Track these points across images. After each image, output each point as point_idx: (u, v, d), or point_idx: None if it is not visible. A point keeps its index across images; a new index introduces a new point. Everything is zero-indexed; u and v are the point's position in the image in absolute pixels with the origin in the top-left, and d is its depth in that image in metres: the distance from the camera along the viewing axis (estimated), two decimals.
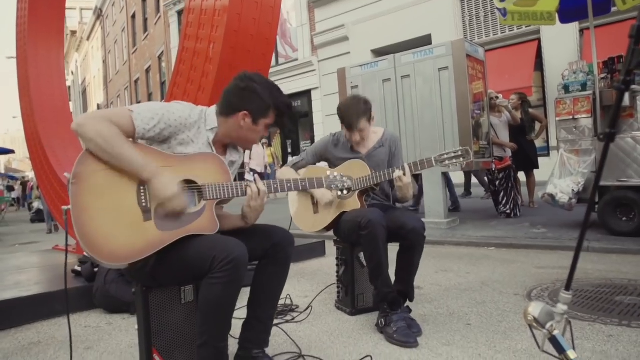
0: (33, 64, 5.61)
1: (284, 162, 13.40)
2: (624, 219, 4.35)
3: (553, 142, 8.53)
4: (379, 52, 11.89)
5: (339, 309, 2.80)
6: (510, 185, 6.02)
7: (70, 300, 3.02)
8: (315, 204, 2.71)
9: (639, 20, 0.93)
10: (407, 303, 2.53)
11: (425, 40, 10.49)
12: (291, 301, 2.93)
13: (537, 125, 7.12)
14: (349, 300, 2.71)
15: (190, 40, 3.12)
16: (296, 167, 2.81)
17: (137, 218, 1.60)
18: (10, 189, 20.48)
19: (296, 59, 14.92)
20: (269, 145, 13.53)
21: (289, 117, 1.94)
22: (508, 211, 5.94)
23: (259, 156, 11.23)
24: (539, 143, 10.16)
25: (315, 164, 2.83)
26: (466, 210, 7.00)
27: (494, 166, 5.98)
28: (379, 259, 2.30)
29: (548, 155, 9.61)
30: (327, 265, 4.20)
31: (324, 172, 2.78)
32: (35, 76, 5.59)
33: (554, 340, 0.99)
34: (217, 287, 1.56)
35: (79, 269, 3.31)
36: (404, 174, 2.41)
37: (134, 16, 25.01)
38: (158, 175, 1.59)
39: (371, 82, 6.14)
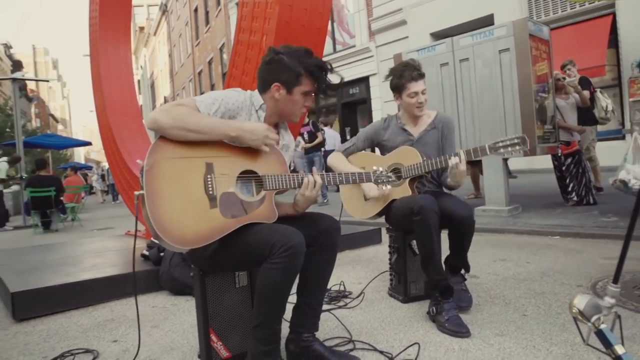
0: (104, 61, 5.99)
1: None
2: None
3: (628, 125, 7.93)
4: (438, 36, 11.54)
5: (392, 296, 2.82)
6: (580, 170, 5.68)
7: (139, 282, 3.25)
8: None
9: None
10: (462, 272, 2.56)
11: (487, 21, 10.06)
12: (344, 287, 2.98)
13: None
14: (401, 288, 2.71)
15: (245, 33, 3.21)
16: (346, 152, 2.83)
17: (204, 205, 1.69)
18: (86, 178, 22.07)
19: (353, 46, 14.82)
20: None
21: (326, 82, 1.88)
22: (576, 198, 5.62)
23: (336, 141, 10.86)
24: (613, 125, 9.52)
25: (365, 149, 2.84)
26: (530, 197, 6.71)
27: (559, 151, 5.67)
28: (431, 246, 2.28)
29: (623, 138, 8.96)
30: (382, 253, 4.21)
31: (374, 159, 2.79)
32: (105, 72, 5.97)
33: (600, 334, 0.96)
34: (276, 272, 1.62)
35: (147, 253, 3.55)
36: (460, 161, 2.36)
37: (196, 10, 25.87)
38: (242, 126, 1.72)
39: (428, 66, 5.98)
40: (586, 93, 5.80)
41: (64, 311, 2.97)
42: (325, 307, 2.63)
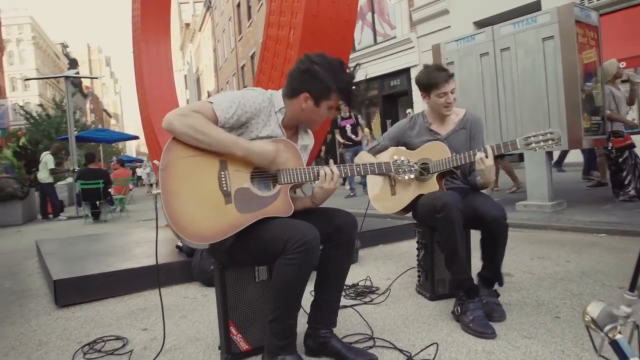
0: (146, 59, 6.20)
1: None
2: None
3: None
4: (482, 25, 11.10)
5: (420, 293, 2.77)
6: (634, 163, 5.34)
7: (173, 273, 3.36)
8: (393, 185, 2.68)
9: None
10: (496, 286, 2.43)
11: (533, 8, 9.61)
12: (371, 283, 2.96)
13: None
14: (429, 285, 2.66)
15: (273, 28, 3.22)
16: (373, 151, 2.79)
17: (219, 201, 1.72)
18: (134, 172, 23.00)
19: (394, 37, 14.59)
20: (367, 125, 13.46)
21: (353, 96, 1.89)
22: (633, 193, 5.28)
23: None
24: None
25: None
26: (577, 192, 6.40)
27: (610, 144, 5.36)
28: (454, 244, 2.22)
29: None
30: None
31: (403, 154, 2.73)
32: (147, 69, 6.18)
33: (615, 345, 0.89)
34: (290, 268, 1.63)
35: (180, 244, 3.65)
36: (486, 156, 2.27)
37: (238, 5, 26.23)
38: (251, 147, 1.71)
39: (467, 57, 5.81)
40: None
41: (102, 299, 3.10)
42: (349, 302, 2.63)
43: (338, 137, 9.30)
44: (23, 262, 4.90)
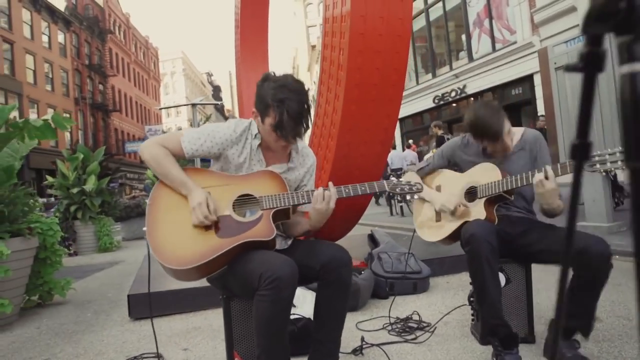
0: (245, 84, 6.61)
1: None
2: None
3: None
4: None
5: (473, 334, 2.45)
6: None
7: (216, 296, 3.45)
8: (438, 212, 2.43)
9: None
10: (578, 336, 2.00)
11: None
12: (419, 317, 2.70)
13: None
14: (479, 327, 2.34)
15: (328, 50, 3.18)
16: (422, 172, 2.57)
17: (200, 228, 1.75)
18: None
19: (514, 42, 13.53)
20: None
21: (289, 118, 1.69)
22: None
23: (399, 159, 11.11)
24: None
25: (442, 168, 2.54)
26: None
27: None
28: (482, 280, 1.93)
29: None
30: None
31: (450, 177, 2.47)
32: (246, 94, 6.58)
33: None
34: (264, 305, 1.56)
35: None
36: (546, 178, 1.94)
37: None
38: (192, 190, 1.74)
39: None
40: None
41: (170, 314, 3.30)
42: (390, 339, 2.43)
43: None
44: (135, 272, 5.46)
